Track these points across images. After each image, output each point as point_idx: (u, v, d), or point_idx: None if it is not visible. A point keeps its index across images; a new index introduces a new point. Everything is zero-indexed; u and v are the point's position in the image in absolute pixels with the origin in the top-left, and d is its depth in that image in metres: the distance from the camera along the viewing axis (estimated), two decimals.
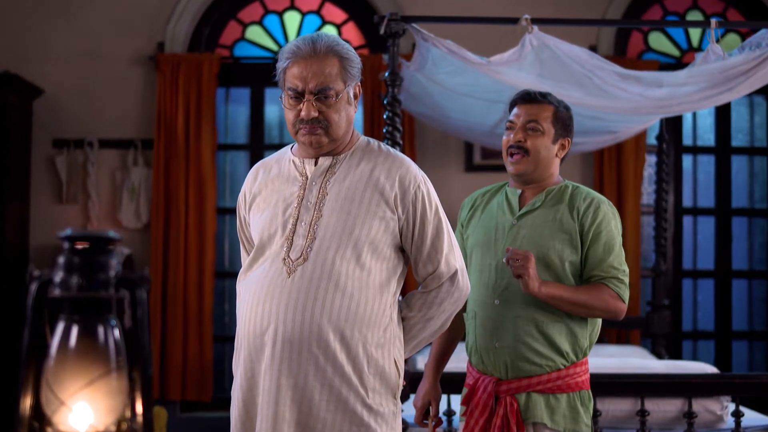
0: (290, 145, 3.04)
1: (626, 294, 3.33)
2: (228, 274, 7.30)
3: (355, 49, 7.28)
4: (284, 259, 2.81)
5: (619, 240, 3.38)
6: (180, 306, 6.95)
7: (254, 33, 7.43)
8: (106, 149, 7.11)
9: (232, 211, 7.16)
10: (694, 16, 7.48)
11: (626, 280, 3.34)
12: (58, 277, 1.48)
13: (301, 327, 2.74)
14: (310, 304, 2.75)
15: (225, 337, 7.21)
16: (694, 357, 7.49)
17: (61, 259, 1.51)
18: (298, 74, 2.81)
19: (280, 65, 2.88)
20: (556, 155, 3.47)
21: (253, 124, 7.39)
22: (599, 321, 3.41)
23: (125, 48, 7.13)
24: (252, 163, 7.28)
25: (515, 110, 3.48)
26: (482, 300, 3.39)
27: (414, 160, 6.97)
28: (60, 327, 1.48)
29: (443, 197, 6.89)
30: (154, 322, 6.90)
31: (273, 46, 7.40)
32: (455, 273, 2.94)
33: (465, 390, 3.47)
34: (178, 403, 7.05)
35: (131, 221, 7.05)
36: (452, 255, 2.95)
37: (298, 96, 2.82)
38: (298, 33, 7.38)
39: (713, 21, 4.42)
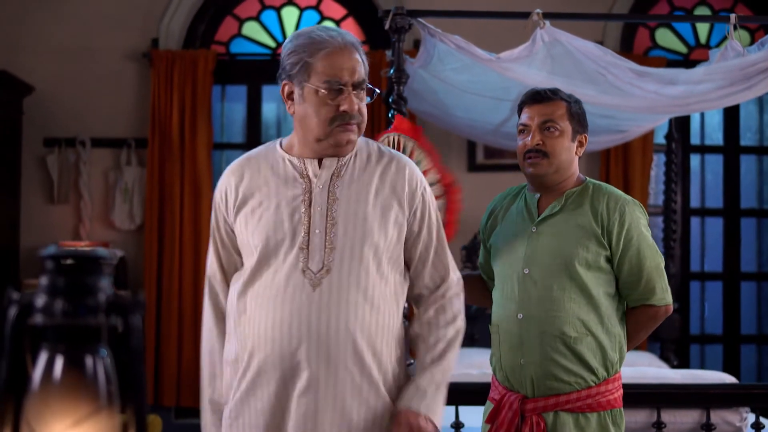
0: (276, 141, 2.79)
1: (668, 293, 3.18)
2: None
3: None
4: (304, 270, 2.60)
5: (650, 242, 3.17)
6: (175, 309, 6.78)
7: (251, 29, 7.25)
8: (99, 148, 6.94)
9: None
10: (702, 12, 7.29)
11: (665, 280, 3.18)
12: (41, 301, 1.29)
13: (336, 343, 2.56)
14: (343, 319, 2.57)
15: None
16: (702, 362, 7.34)
17: (43, 281, 1.32)
18: (340, 65, 2.58)
19: (303, 57, 2.60)
20: (576, 154, 3.26)
21: (250, 123, 7.22)
22: (624, 333, 3.21)
23: (118, 44, 6.95)
24: None
25: (526, 112, 3.24)
26: (506, 314, 3.18)
27: None
28: (43, 358, 1.31)
29: None
30: (148, 326, 6.74)
31: (270, 43, 7.22)
32: (459, 282, 2.80)
33: (490, 405, 3.25)
34: (173, 410, 6.88)
35: (124, 222, 6.89)
36: (453, 263, 2.81)
37: (339, 89, 2.60)
38: (297, 29, 7.18)
39: (733, 16, 4.22)
